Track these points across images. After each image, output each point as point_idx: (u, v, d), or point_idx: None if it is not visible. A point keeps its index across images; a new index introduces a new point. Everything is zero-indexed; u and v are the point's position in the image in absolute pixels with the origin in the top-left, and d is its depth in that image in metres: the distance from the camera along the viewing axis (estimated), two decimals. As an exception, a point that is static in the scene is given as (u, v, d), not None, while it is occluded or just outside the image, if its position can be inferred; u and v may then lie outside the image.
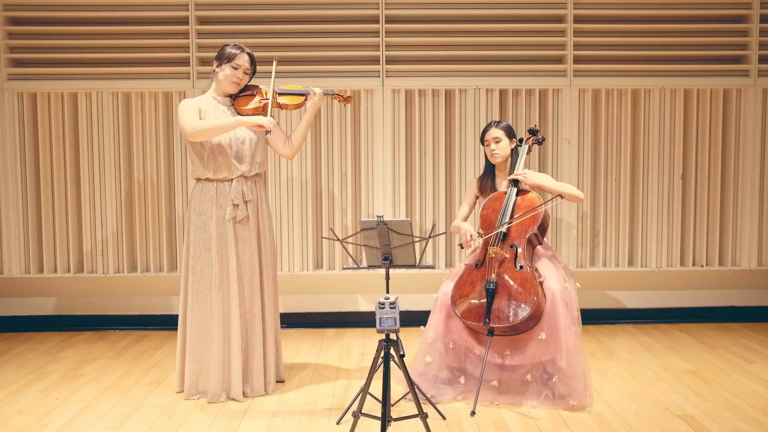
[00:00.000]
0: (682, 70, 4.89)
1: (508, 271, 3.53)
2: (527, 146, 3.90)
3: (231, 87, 3.62)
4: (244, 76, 3.64)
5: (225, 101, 3.66)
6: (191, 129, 3.44)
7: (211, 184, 3.60)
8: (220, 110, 3.61)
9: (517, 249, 3.57)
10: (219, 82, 3.62)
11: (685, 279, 5.19)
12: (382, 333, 2.92)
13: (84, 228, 4.85)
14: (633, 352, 4.41)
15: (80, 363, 4.27)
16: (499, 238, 3.63)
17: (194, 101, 3.59)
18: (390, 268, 3.15)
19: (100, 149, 4.79)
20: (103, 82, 4.78)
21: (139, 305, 5.11)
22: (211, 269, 3.58)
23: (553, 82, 4.85)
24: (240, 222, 3.61)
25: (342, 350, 4.53)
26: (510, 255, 3.56)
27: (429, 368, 3.59)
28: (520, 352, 3.49)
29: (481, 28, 4.84)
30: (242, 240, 3.63)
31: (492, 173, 3.96)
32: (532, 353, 3.46)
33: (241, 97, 3.67)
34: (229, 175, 3.59)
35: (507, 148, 3.86)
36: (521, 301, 3.42)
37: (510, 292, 3.47)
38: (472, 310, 3.50)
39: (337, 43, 4.84)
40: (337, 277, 5.11)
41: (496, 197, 3.79)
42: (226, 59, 3.58)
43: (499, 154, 3.85)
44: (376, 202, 4.87)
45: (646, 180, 4.91)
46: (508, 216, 3.65)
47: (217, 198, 3.59)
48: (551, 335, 3.43)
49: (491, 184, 3.95)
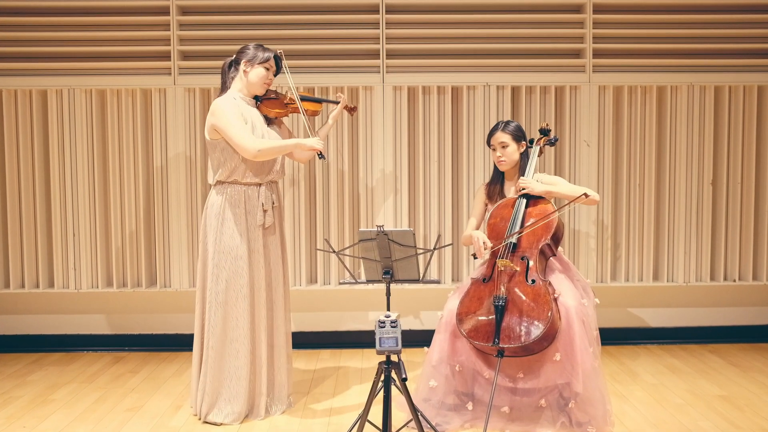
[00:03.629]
0: (712, 65, 4.94)
1: (519, 286, 3.56)
2: (538, 148, 3.94)
3: (263, 88, 3.82)
4: (272, 78, 3.86)
5: (252, 103, 3.83)
6: (256, 150, 3.60)
7: (240, 188, 3.74)
8: (252, 113, 3.79)
9: (529, 261, 3.61)
10: (250, 84, 3.79)
11: (715, 295, 5.23)
12: (383, 354, 2.96)
13: (54, 239, 4.90)
14: (658, 375, 4.45)
15: (50, 387, 4.32)
16: (509, 249, 3.67)
17: (234, 105, 3.71)
18: (391, 283, 3.19)
19: (72, 152, 4.85)
20: (75, 78, 4.84)
21: (114, 324, 5.16)
22: (239, 279, 3.70)
23: (571, 78, 4.91)
24: (267, 229, 3.79)
25: (338, 373, 4.58)
26: (521, 268, 3.60)
27: (434, 393, 3.62)
28: (534, 375, 3.52)
29: (491, 18, 4.90)
30: (268, 247, 3.81)
31: (500, 179, 4.02)
32: (546, 376, 3.49)
33: (266, 100, 3.87)
34: (261, 180, 3.76)
35: (515, 153, 3.91)
36: (534, 319, 3.44)
37: (521, 308, 3.49)
38: (480, 329, 3.52)
39: (331, 35, 4.89)
40: (332, 293, 5.15)
41: (505, 204, 3.84)
42: (260, 61, 3.76)
43: (505, 161, 3.91)
44: (375, 210, 4.92)
45: (673, 186, 4.96)
46: (519, 225, 3.70)
47: (246, 203, 3.73)
48: (566, 356, 3.46)
49: (500, 190, 4.00)
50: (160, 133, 4.86)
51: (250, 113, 3.74)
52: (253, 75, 3.75)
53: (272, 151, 3.65)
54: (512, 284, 3.57)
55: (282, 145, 3.68)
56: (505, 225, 3.74)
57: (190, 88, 4.83)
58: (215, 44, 4.84)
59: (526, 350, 3.47)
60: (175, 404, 4.02)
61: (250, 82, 3.77)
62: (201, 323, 3.78)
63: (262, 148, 3.60)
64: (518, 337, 3.43)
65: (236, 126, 3.61)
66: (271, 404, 3.83)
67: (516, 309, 3.50)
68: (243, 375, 3.69)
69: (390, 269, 3.19)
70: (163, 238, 4.90)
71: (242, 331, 3.69)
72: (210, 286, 3.71)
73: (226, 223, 3.71)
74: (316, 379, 4.47)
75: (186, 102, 4.82)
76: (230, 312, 3.70)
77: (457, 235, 4.97)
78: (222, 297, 3.69)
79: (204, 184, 4.86)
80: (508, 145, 3.89)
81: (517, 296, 3.53)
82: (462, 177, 4.94)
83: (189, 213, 4.87)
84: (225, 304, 3.69)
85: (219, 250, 3.70)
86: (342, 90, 4.81)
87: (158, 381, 4.43)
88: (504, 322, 3.48)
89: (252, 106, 3.80)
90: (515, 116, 4.91)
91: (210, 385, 3.69)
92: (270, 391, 3.83)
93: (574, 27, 4.94)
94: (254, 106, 3.82)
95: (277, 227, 3.85)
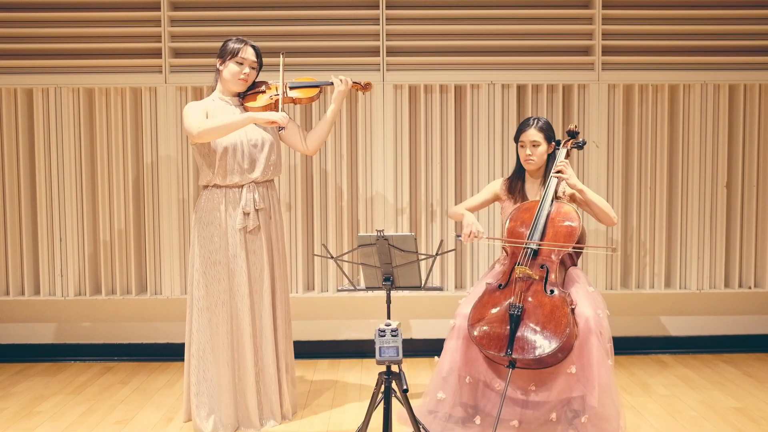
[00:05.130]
0: (727, 62, 4.95)
1: (537, 296, 3.55)
2: (565, 150, 3.92)
3: (238, 85, 3.79)
4: (251, 72, 3.81)
5: (234, 101, 3.82)
6: (197, 129, 3.58)
7: (220, 191, 3.75)
8: (230, 111, 3.78)
9: (548, 270, 3.60)
10: (224, 81, 3.78)
11: (730, 303, 5.25)
12: (383, 364, 2.98)
13: (40, 244, 4.91)
14: (671, 386, 4.47)
15: (35, 399, 4.34)
16: (529, 256, 3.66)
17: (200, 103, 3.75)
18: (391, 290, 3.21)
19: (59, 154, 4.86)
20: (62, 76, 4.86)
21: (103, 333, 5.17)
22: (218, 284, 3.73)
23: (579, 77, 4.92)
24: (251, 232, 3.77)
25: (336, 384, 4.59)
26: (539, 276, 3.59)
27: (441, 406, 3.63)
28: (547, 387, 3.51)
29: (495, 14, 4.92)
30: (253, 252, 3.78)
31: (522, 177, 4.01)
32: (559, 389, 3.49)
33: (249, 95, 3.84)
34: (241, 181, 3.74)
35: (544, 154, 3.90)
36: (550, 332, 3.43)
37: (538, 320, 3.48)
38: (493, 337, 3.50)
39: (328, 31, 4.91)
40: (330, 301, 5.17)
41: (527, 208, 3.81)
42: (229, 55, 3.74)
43: (534, 161, 3.88)
44: (375, 214, 4.94)
45: (686, 189, 4.98)
46: (540, 229, 3.68)
47: (226, 206, 3.73)
48: (582, 369, 3.45)
49: (520, 188, 3.98)
50: (151, 134, 4.87)
51: (225, 111, 3.73)
52: (226, 72, 3.75)
53: (217, 129, 3.58)
54: (529, 293, 3.56)
55: (228, 121, 3.59)
56: (526, 231, 3.72)
57: (182, 87, 4.84)
58: (208, 41, 4.85)
59: (540, 363, 3.46)
60: (166, 416, 4.03)
61: (224, 79, 3.77)
62: (189, 330, 3.81)
63: (202, 125, 3.57)
64: (532, 350, 3.41)
65: (189, 117, 3.61)
66: (263, 416, 3.83)
67: (532, 320, 3.49)
68: (225, 384, 3.70)
69: (390, 276, 3.20)
70: (153, 243, 4.91)
71: (222, 338, 3.71)
72: (194, 292, 3.75)
73: (207, 227, 3.74)
74: (313, 390, 4.49)
75: (178, 101, 4.84)
76: (212, 319, 3.72)
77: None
78: (203, 303, 3.72)
79: (195, 187, 4.87)
80: (540, 144, 3.86)
81: (534, 306, 3.52)
82: (465, 180, 4.95)
83: (180, 217, 4.88)
84: (207, 311, 3.72)
85: (200, 254, 3.74)
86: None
87: (149, 392, 4.44)
88: (518, 333, 3.46)
89: (233, 105, 3.79)
90: (521, 116, 4.92)
91: (195, 394, 3.72)
92: (260, 403, 3.83)
93: (583, 23, 4.95)
94: (236, 105, 3.81)
95: (263, 231, 3.81)
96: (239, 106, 3.82)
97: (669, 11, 4.94)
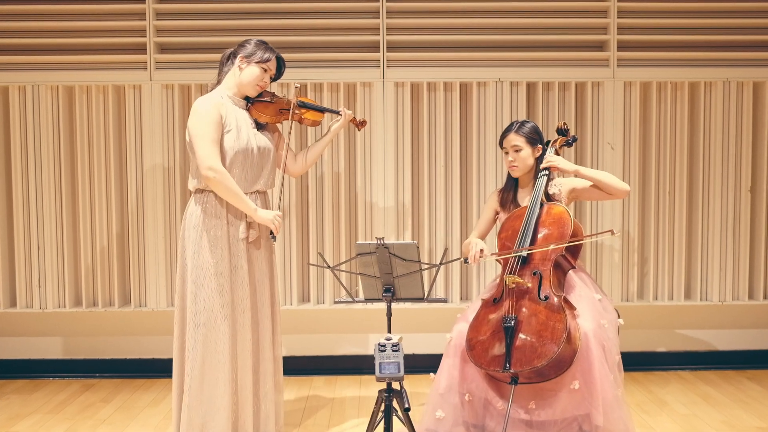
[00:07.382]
0: (750, 58, 4.97)
1: (531, 303, 3.57)
2: (554, 149, 3.97)
3: (254, 90, 3.83)
4: (269, 81, 3.87)
5: (241, 103, 3.84)
6: (211, 172, 3.58)
7: (221, 199, 3.73)
8: (240, 115, 3.78)
9: (542, 277, 3.62)
10: (241, 82, 3.80)
11: (754, 315, 5.26)
12: (383, 381, 2.99)
13: (17, 253, 4.93)
14: (690, 405, 4.48)
15: (11, 419, 4.35)
16: (518, 263, 3.69)
17: (216, 106, 3.69)
18: (392, 302, 3.22)
19: (37, 157, 4.88)
20: (39, 73, 4.88)
21: (84, 348, 5.19)
22: (218, 298, 3.69)
23: (593, 73, 4.94)
24: (253, 243, 3.78)
25: (333, 402, 4.60)
26: (533, 283, 3.62)
27: (441, 425, 3.64)
28: (548, 404, 3.52)
29: (503, 6, 4.94)
30: (254, 264, 3.80)
31: (514, 186, 4.06)
32: (563, 407, 3.50)
33: (258, 103, 3.87)
34: (245, 189, 3.75)
35: (528, 158, 3.94)
36: (546, 339, 3.43)
37: (533, 328, 3.49)
38: (490, 354, 3.52)
39: (325, 25, 4.93)
40: (327, 314, 5.18)
41: (516, 215, 3.87)
42: (258, 60, 3.77)
43: (517, 166, 3.94)
44: (375, 220, 4.96)
45: (707, 193, 5.00)
46: (530, 235, 3.72)
47: (227, 214, 3.73)
48: (585, 384, 3.46)
49: (513, 197, 4.04)
50: (135, 135, 4.89)
51: (236, 115, 3.75)
52: (247, 73, 3.77)
53: (226, 191, 3.61)
54: (523, 303, 3.58)
55: (240, 198, 3.64)
56: (515, 238, 3.75)
57: (168, 84, 4.86)
58: (197, 35, 4.88)
59: (540, 375, 3.46)
60: (151, 437, 4.04)
61: (241, 80, 3.78)
62: (180, 346, 3.78)
63: (217, 176, 3.58)
64: (530, 360, 3.42)
65: (206, 138, 3.60)
66: None
67: (527, 329, 3.50)
68: (224, 405, 3.69)
69: (391, 286, 3.22)
70: (138, 251, 4.92)
71: (223, 356, 3.68)
72: (189, 305, 3.70)
73: (205, 235, 3.69)
74: (308, 408, 4.50)
75: (163, 100, 4.86)
76: (210, 335, 3.68)
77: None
78: (201, 318, 3.67)
79: (183, 192, 4.89)
80: (521, 148, 3.91)
81: (528, 316, 3.53)
82: (471, 184, 4.97)
83: (167, 224, 4.90)
84: (204, 326, 3.67)
85: (198, 265, 3.68)
86: (338, 86, 4.85)
87: (133, 411, 4.46)
88: (514, 345, 3.48)
89: (241, 108, 3.82)
90: (531, 115, 4.95)
91: (194, 417, 3.70)
92: (256, 424, 3.83)
93: (597, 15, 4.97)
94: (244, 108, 3.84)
95: (263, 241, 3.84)
96: (245, 110, 3.83)
97: (689, 3, 4.95)
